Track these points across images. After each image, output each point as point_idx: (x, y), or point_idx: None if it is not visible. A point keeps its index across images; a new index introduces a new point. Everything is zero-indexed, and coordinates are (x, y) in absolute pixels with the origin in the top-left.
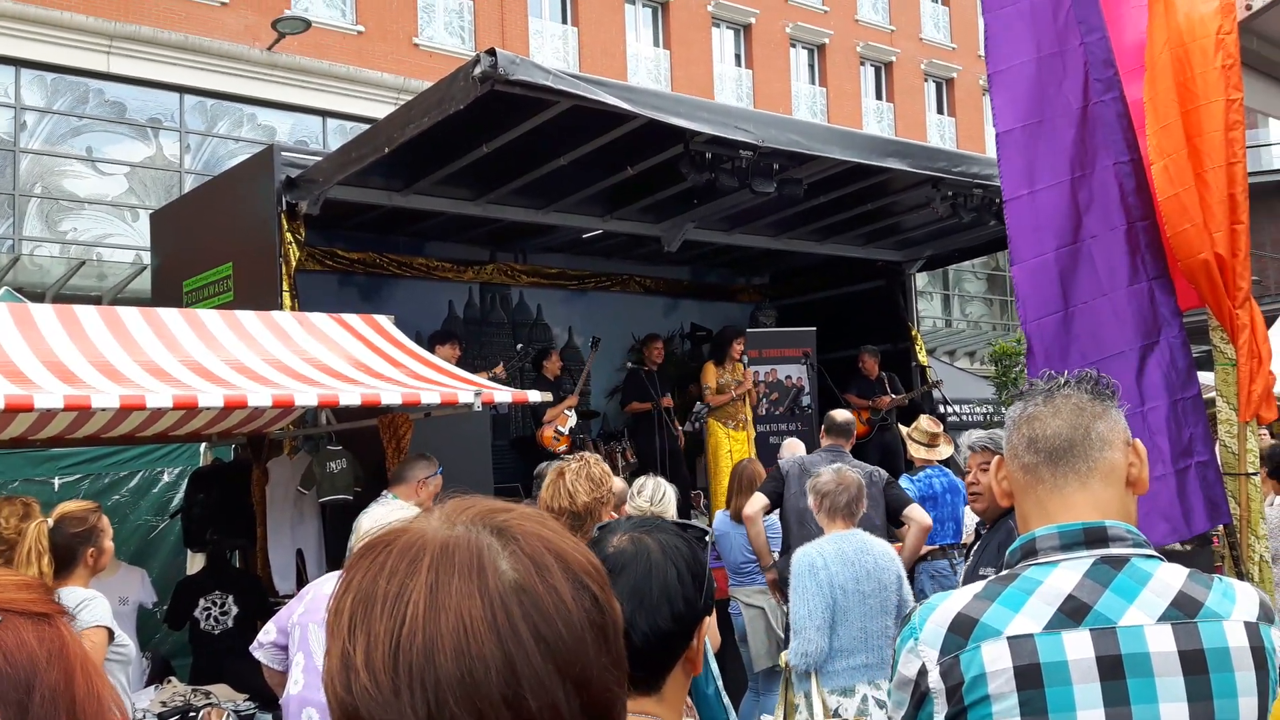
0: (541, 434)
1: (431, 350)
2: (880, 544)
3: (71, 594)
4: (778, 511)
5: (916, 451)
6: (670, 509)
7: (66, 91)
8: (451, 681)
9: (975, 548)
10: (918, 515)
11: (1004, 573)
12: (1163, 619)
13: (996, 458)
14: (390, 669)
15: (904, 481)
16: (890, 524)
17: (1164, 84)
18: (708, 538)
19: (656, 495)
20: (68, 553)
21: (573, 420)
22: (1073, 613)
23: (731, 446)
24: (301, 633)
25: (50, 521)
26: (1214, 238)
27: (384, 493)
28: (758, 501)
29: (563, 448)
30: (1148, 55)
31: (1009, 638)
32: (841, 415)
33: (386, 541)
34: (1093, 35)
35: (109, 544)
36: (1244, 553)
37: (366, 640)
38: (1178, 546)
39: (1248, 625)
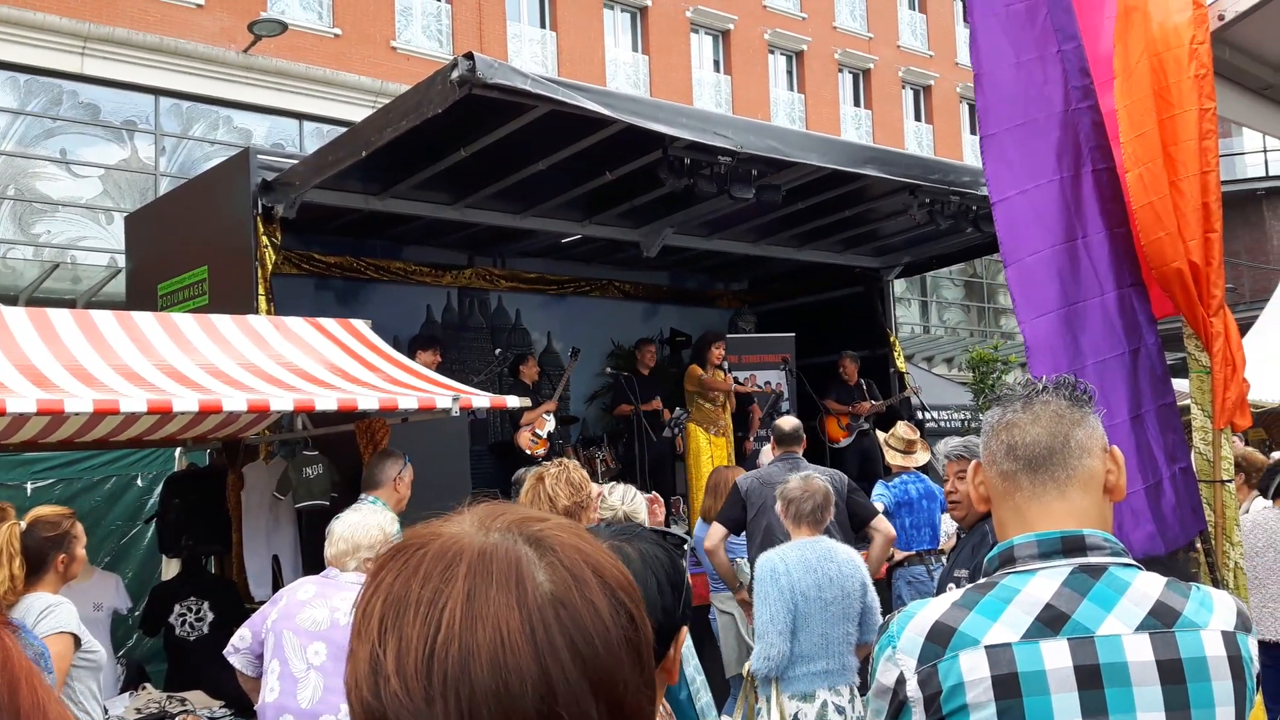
0: (518, 437)
1: (412, 356)
2: (845, 551)
3: (38, 600)
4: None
5: (893, 458)
6: (641, 511)
7: (40, 93)
8: (486, 694)
9: (952, 551)
10: (883, 526)
11: (982, 581)
12: (1140, 628)
13: (974, 462)
14: (423, 677)
15: (879, 488)
16: (854, 531)
17: (1141, 92)
18: (686, 545)
19: (627, 496)
20: (38, 557)
21: (550, 425)
22: (1051, 622)
23: (713, 452)
24: (276, 639)
25: (23, 525)
26: (1188, 246)
27: (362, 496)
28: (717, 533)
29: (540, 451)
30: (1122, 63)
31: (987, 647)
32: (788, 423)
33: (419, 544)
34: (1069, 44)
35: (81, 551)
36: (1219, 559)
37: (398, 645)
38: (1179, 555)
39: (1225, 635)
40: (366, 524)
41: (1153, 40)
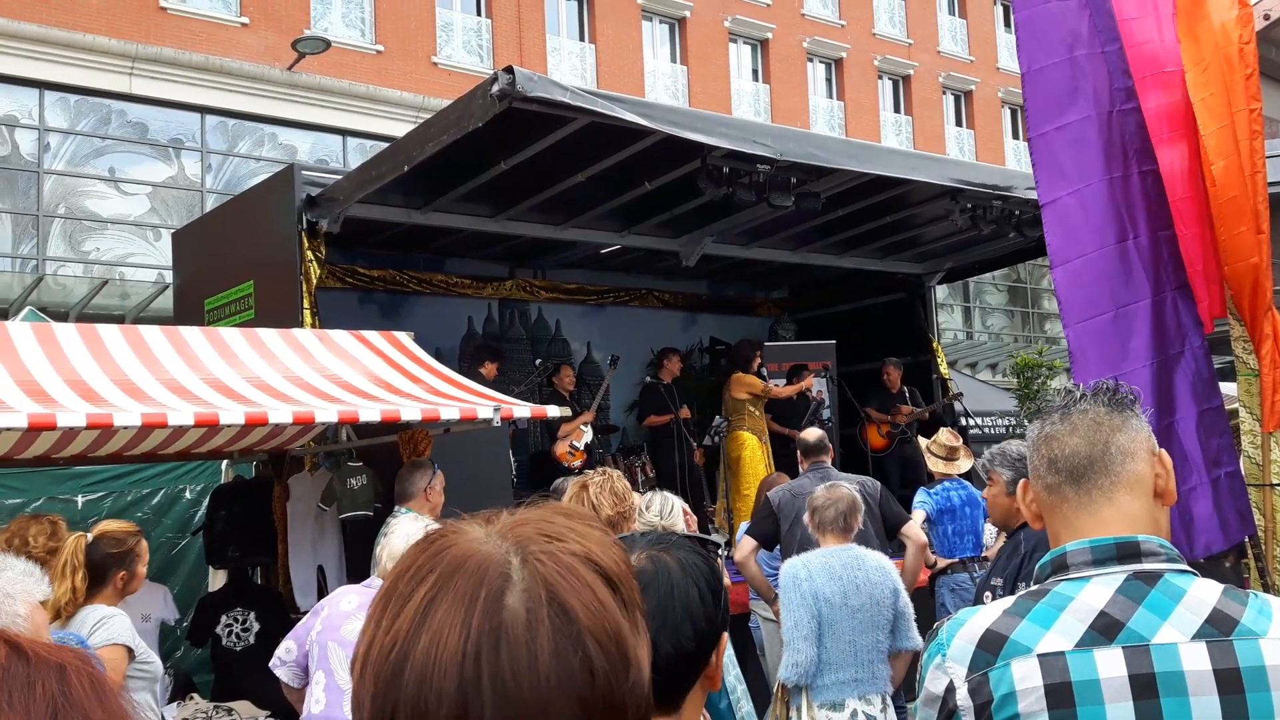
0: (556, 449)
1: (479, 365)
2: (875, 558)
3: (93, 611)
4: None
5: (935, 465)
6: (679, 523)
7: (89, 113)
8: (408, 704)
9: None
10: (914, 534)
11: (1034, 588)
12: (1197, 636)
13: (1023, 480)
14: (371, 674)
15: (921, 495)
16: (890, 538)
17: (1217, 85)
18: (721, 550)
19: (665, 509)
20: (100, 572)
21: (588, 436)
22: (1105, 630)
23: (768, 459)
24: (321, 651)
25: (89, 537)
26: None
27: (396, 508)
28: (746, 546)
29: (578, 463)
30: (1193, 57)
31: (1040, 655)
32: (813, 434)
33: (430, 539)
34: (1112, 45)
35: (142, 570)
36: (1270, 564)
37: (372, 635)
38: (1226, 562)
39: None
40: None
41: (1220, 36)
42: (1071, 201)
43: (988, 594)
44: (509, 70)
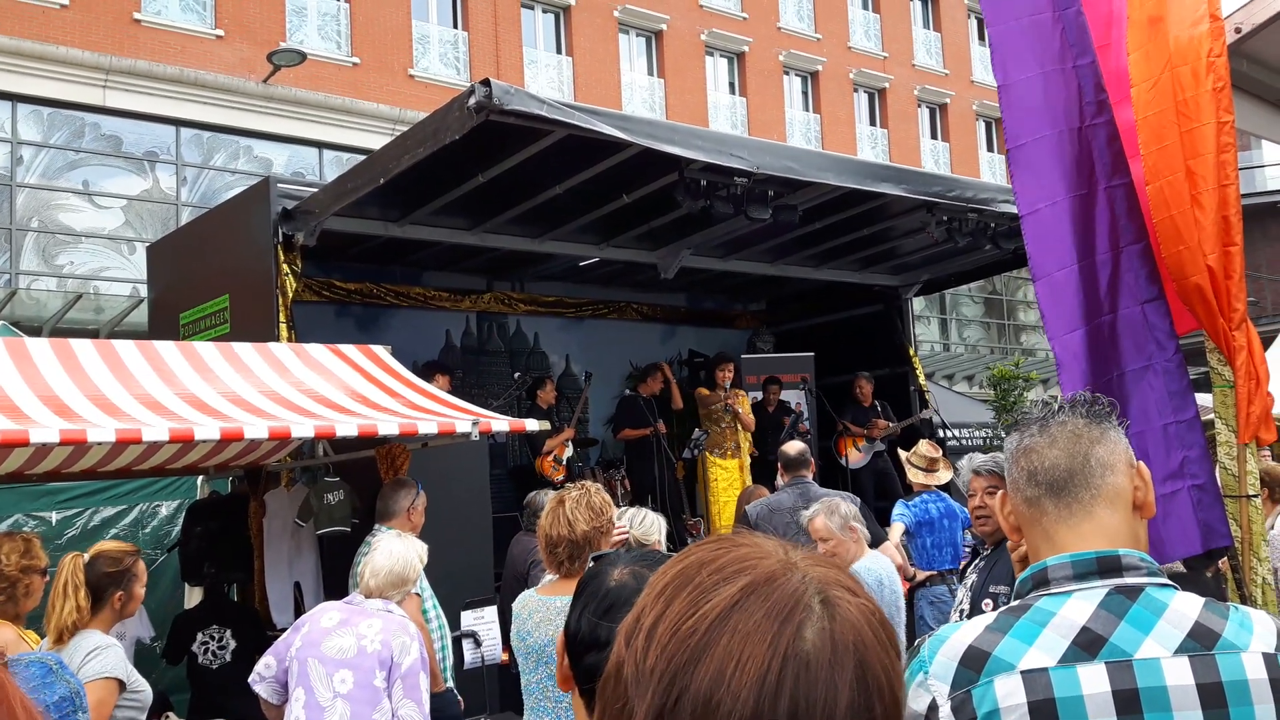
0: (542, 463)
1: (429, 380)
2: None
3: (87, 639)
4: None
5: (915, 476)
6: (654, 534)
7: (63, 125)
8: (699, 696)
9: (979, 565)
10: (888, 554)
11: (1015, 603)
12: (1180, 651)
13: (1001, 493)
14: (659, 649)
15: (900, 507)
16: None
17: (1164, 104)
18: None
19: (637, 519)
20: (97, 593)
21: (569, 451)
22: (1087, 645)
23: (718, 474)
24: (301, 667)
25: (86, 557)
26: (1209, 260)
27: (376, 527)
28: None
29: (560, 477)
30: (1143, 73)
31: (1023, 672)
32: (794, 448)
33: (733, 543)
34: (1084, 59)
35: (140, 590)
36: (1246, 575)
37: (662, 611)
38: (1207, 573)
39: (1266, 657)
40: (408, 556)
41: (1174, 52)
42: (1049, 214)
43: (987, 601)
44: (486, 83)
